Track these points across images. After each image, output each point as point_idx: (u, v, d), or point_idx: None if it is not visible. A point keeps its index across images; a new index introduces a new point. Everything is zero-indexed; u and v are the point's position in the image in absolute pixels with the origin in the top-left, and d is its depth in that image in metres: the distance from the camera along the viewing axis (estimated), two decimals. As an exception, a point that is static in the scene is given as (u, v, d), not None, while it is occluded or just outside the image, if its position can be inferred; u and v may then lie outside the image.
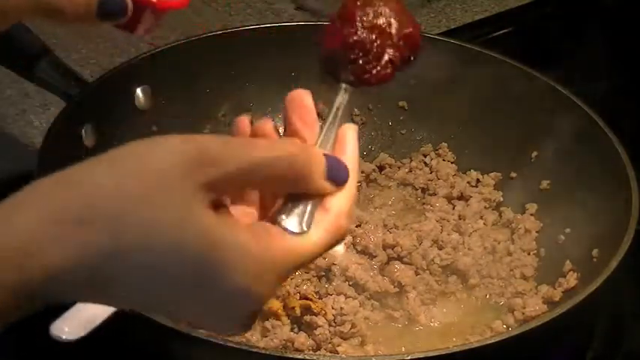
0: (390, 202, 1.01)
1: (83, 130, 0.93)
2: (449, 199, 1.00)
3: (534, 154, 1.00)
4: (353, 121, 1.03)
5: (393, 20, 0.69)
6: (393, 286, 0.88)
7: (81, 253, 0.47)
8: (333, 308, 0.84)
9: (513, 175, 1.02)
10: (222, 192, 0.50)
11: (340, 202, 0.55)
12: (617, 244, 0.81)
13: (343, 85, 0.67)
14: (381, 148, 1.07)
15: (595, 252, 0.86)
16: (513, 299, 0.88)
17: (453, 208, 0.99)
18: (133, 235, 0.47)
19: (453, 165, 1.05)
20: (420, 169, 1.05)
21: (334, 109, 0.64)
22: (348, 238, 0.93)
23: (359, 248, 0.92)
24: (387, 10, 0.69)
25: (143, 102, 0.99)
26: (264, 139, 0.57)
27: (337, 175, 0.55)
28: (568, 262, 0.89)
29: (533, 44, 1.20)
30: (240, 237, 0.49)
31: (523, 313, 0.86)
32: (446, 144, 1.06)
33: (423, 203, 1.01)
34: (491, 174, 1.03)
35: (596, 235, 0.88)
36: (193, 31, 1.24)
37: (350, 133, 0.59)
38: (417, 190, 1.03)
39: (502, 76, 1.02)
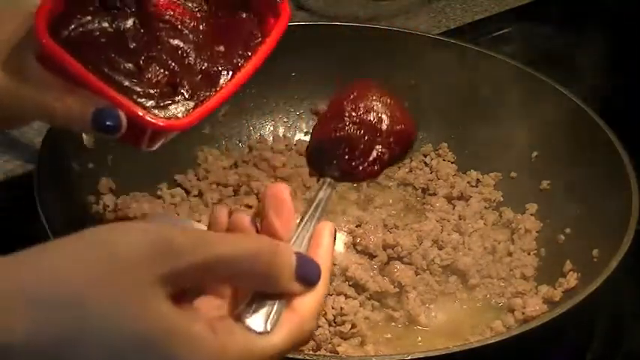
0: (390, 202, 1.01)
1: (83, 130, 0.93)
2: (449, 199, 1.00)
3: (534, 154, 1.00)
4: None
5: (384, 116, 0.68)
6: (393, 286, 0.88)
7: (34, 334, 0.47)
8: (333, 308, 0.84)
9: (513, 175, 1.02)
10: (182, 284, 0.50)
11: (308, 302, 0.54)
12: (617, 244, 0.81)
13: (327, 180, 0.66)
14: (381, 148, 1.07)
15: (595, 252, 0.86)
16: (513, 299, 0.88)
17: (453, 208, 0.99)
18: (89, 322, 0.47)
19: (453, 165, 1.05)
20: (420, 169, 1.05)
21: (315, 203, 0.62)
22: (348, 238, 0.93)
23: (359, 248, 0.92)
24: (380, 106, 0.68)
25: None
26: (233, 234, 0.56)
27: (307, 276, 0.55)
28: (568, 262, 0.89)
29: (533, 44, 1.20)
30: (196, 329, 0.49)
31: (523, 313, 0.86)
32: (446, 144, 1.06)
33: (423, 203, 1.01)
34: (491, 174, 1.03)
35: (596, 235, 0.88)
36: (193, 31, 1.24)
37: (326, 231, 0.59)
38: (417, 190, 1.03)
39: (502, 76, 1.02)
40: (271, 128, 1.08)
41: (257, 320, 0.52)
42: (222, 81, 0.67)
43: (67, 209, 0.88)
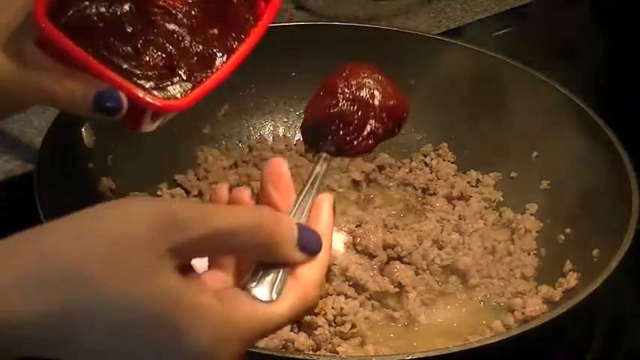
0: (390, 202, 1.01)
1: (83, 130, 0.93)
2: (449, 199, 1.01)
3: (534, 154, 1.00)
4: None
5: (376, 92, 0.69)
6: (393, 286, 0.88)
7: (45, 311, 0.48)
8: (333, 308, 0.84)
9: (513, 175, 1.02)
10: (187, 257, 0.51)
11: (311, 272, 0.55)
12: (617, 244, 0.81)
13: (323, 155, 0.67)
14: (381, 148, 1.06)
15: (595, 252, 0.86)
16: (513, 299, 0.88)
17: (453, 208, 0.99)
18: (97, 298, 0.48)
19: (453, 165, 1.05)
20: (420, 169, 1.05)
21: (312, 178, 0.63)
22: (348, 238, 0.93)
23: (359, 248, 0.92)
24: (372, 82, 0.69)
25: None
26: (233, 206, 0.57)
27: (309, 245, 0.55)
28: (568, 262, 0.89)
29: (533, 44, 1.20)
30: (204, 300, 0.50)
31: (523, 313, 0.86)
32: (446, 144, 1.06)
33: (423, 203, 1.01)
34: (491, 174, 1.03)
35: (596, 235, 0.88)
36: (193, 31, 1.24)
37: (326, 202, 0.60)
38: (417, 190, 1.03)
39: (502, 76, 1.02)
40: (271, 128, 1.08)
41: (262, 289, 0.53)
42: (217, 63, 0.69)
43: (67, 209, 0.88)
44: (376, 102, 0.69)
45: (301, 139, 0.70)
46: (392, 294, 0.88)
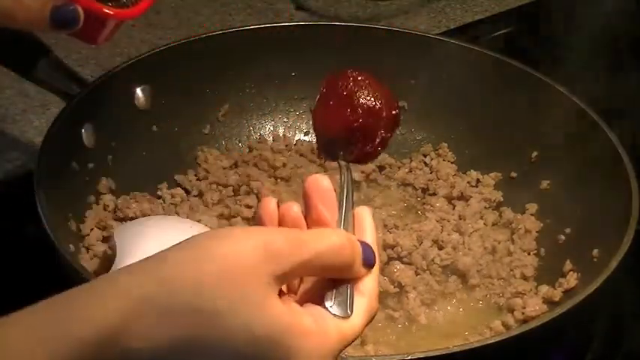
0: (390, 202, 1.01)
1: (83, 130, 0.93)
2: (449, 199, 1.01)
3: (534, 154, 1.00)
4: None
5: (379, 100, 0.71)
6: (393, 286, 0.88)
7: (157, 341, 0.49)
8: (333, 308, 0.84)
9: (513, 175, 1.02)
10: (286, 282, 0.54)
11: (371, 284, 0.58)
12: (617, 244, 0.81)
13: (343, 164, 0.70)
14: (380, 148, 1.07)
15: (595, 252, 0.86)
16: (513, 299, 0.88)
17: (453, 208, 0.99)
18: (210, 327, 0.49)
19: (453, 165, 1.05)
20: (420, 169, 1.05)
21: (345, 190, 0.65)
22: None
23: (359, 248, 0.92)
24: (373, 90, 0.72)
25: (143, 102, 0.99)
26: (319, 230, 0.58)
27: (369, 259, 0.58)
28: (568, 262, 0.89)
29: (533, 44, 1.20)
30: (307, 323, 0.52)
31: (523, 313, 0.86)
32: (446, 144, 1.06)
33: (423, 203, 1.01)
34: (491, 174, 1.03)
35: (596, 235, 0.88)
36: (193, 31, 1.24)
37: (366, 214, 0.62)
38: (417, 190, 1.03)
39: (502, 76, 1.02)
40: (271, 128, 1.08)
41: (340, 307, 0.55)
42: None
43: (67, 209, 0.88)
44: (383, 111, 0.71)
45: (316, 148, 0.72)
46: (392, 294, 0.88)
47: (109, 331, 0.48)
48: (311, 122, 1.07)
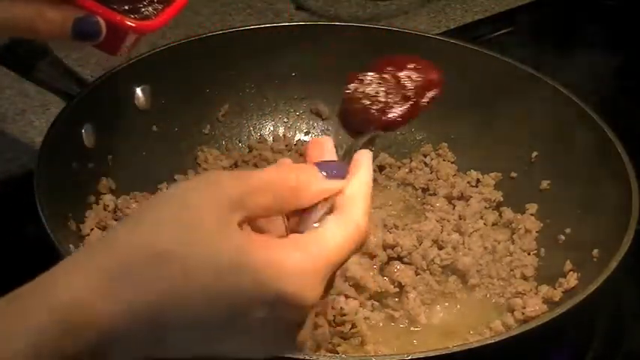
0: (390, 202, 1.01)
1: (83, 130, 0.93)
2: (449, 199, 1.00)
3: (534, 154, 1.00)
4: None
5: (413, 76, 0.72)
6: (393, 286, 0.88)
7: (130, 307, 0.49)
8: (333, 308, 0.84)
9: (513, 175, 1.02)
10: (244, 214, 0.53)
11: (354, 204, 0.58)
12: (617, 244, 0.81)
13: (368, 135, 0.70)
14: (381, 148, 1.07)
15: (595, 252, 0.86)
16: (513, 299, 0.88)
17: (453, 208, 0.99)
18: (183, 270, 0.50)
19: (453, 165, 1.04)
20: (420, 169, 1.04)
21: (355, 148, 0.66)
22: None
23: (359, 248, 0.92)
24: (410, 62, 0.72)
25: (143, 102, 0.99)
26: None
27: (335, 173, 0.59)
28: (568, 262, 0.89)
29: (533, 44, 1.20)
30: (281, 244, 0.53)
31: (523, 313, 0.86)
32: (446, 144, 1.06)
33: (423, 203, 1.01)
34: (492, 174, 1.03)
35: (596, 235, 0.88)
36: (193, 31, 1.24)
37: (365, 156, 0.63)
38: (417, 190, 1.03)
39: (502, 76, 1.02)
40: (271, 128, 1.08)
41: (304, 223, 0.57)
42: None
43: (67, 209, 0.88)
44: (409, 83, 0.72)
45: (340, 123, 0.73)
46: (392, 294, 0.88)
47: (76, 300, 0.48)
48: (311, 122, 1.08)
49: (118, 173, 0.95)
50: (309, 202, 0.57)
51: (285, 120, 1.09)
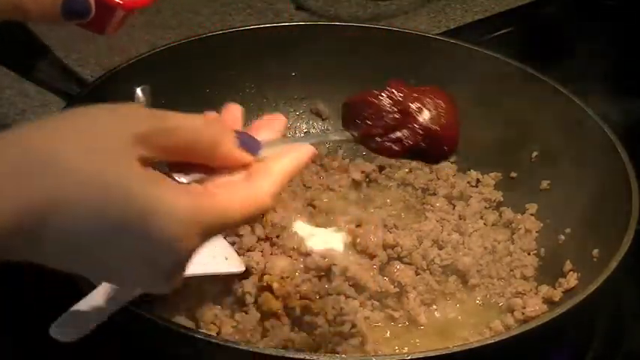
0: (390, 202, 1.01)
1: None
2: (449, 199, 1.00)
3: (534, 154, 1.00)
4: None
5: (428, 112, 0.70)
6: (393, 286, 0.88)
7: (12, 206, 0.49)
8: (333, 308, 0.84)
9: (513, 175, 1.02)
10: (150, 148, 0.54)
11: (265, 179, 0.59)
12: (617, 244, 0.81)
13: (346, 132, 0.70)
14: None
15: (595, 252, 0.86)
16: (513, 299, 0.88)
17: (453, 208, 0.99)
18: (72, 179, 0.50)
19: (453, 165, 1.05)
20: (420, 169, 1.04)
21: (316, 131, 0.66)
22: (348, 238, 0.93)
23: (359, 248, 0.92)
24: (431, 103, 0.70)
25: (143, 102, 0.99)
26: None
27: (249, 146, 0.60)
28: (568, 262, 0.89)
29: (533, 44, 1.20)
30: (173, 187, 0.54)
31: (523, 313, 0.86)
32: (446, 144, 1.06)
33: (423, 203, 1.01)
34: (491, 174, 1.03)
35: (596, 235, 0.88)
36: (193, 31, 1.24)
37: (306, 149, 0.63)
38: (417, 190, 1.03)
39: (502, 76, 1.02)
40: (271, 128, 1.08)
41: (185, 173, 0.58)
42: None
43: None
44: (421, 119, 0.70)
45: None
46: (392, 294, 0.88)
47: None
48: (311, 122, 1.08)
49: (118, 173, 0.95)
50: (209, 161, 0.58)
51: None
